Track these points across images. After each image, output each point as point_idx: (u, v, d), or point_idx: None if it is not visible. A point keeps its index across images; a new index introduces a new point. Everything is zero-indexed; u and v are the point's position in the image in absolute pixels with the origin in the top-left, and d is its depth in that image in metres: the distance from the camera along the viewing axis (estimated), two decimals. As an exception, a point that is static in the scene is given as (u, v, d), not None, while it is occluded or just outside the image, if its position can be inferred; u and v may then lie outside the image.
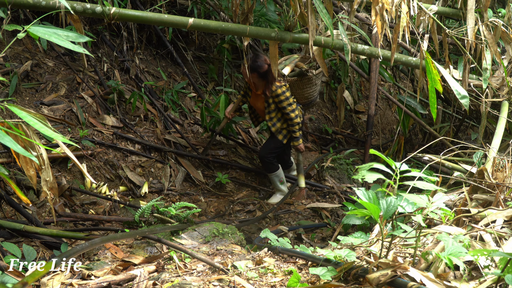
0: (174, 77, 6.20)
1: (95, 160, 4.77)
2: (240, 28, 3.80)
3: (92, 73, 5.50)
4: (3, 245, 3.02)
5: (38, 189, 4.06)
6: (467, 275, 2.27)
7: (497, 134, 3.90)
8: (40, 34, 2.23)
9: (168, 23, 3.85)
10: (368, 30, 6.10)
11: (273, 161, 5.12)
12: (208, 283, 2.54)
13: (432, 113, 3.34)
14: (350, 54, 3.61)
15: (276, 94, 4.82)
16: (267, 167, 5.14)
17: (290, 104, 4.87)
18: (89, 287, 2.60)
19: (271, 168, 5.13)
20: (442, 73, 3.30)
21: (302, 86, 5.09)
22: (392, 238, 2.45)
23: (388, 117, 7.80)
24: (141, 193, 4.83)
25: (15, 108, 2.16)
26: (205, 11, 6.10)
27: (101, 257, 3.12)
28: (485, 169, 3.08)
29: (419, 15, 3.77)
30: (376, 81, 5.82)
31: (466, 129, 6.25)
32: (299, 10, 3.46)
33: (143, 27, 6.05)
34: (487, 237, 2.49)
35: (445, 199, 2.69)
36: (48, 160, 2.45)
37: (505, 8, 4.94)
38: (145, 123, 5.50)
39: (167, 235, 3.38)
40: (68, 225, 4.07)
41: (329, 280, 2.39)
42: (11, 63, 4.97)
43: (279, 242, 3.13)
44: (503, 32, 4.02)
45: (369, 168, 2.68)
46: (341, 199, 5.22)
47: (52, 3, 3.31)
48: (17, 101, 4.67)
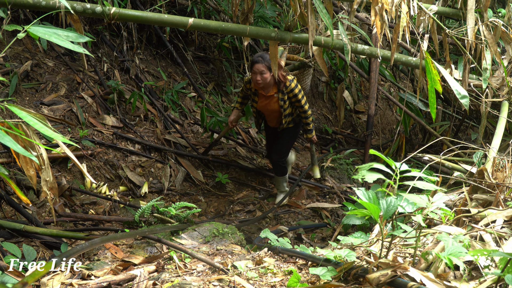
0: (174, 77, 6.20)
1: (95, 160, 4.77)
2: (240, 28, 3.81)
3: (92, 73, 5.50)
4: (3, 245, 3.02)
5: (38, 189, 4.06)
6: (467, 275, 2.27)
7: (497, 134, 3.90)
8: (40, 34, 2.23)
9: (168, 23, 3.85)
10: (368, 30, 6.11)
11: (285, 164, 5.02)
12: (208, 283, 2.54)
13: (432, 113, 3.34)
14: (350, 54, 3.62)
15: (291, 89, 4.48)
16: (280, 170, 5.00)
17: (303, 97, 4.58)
18: (89, 287, 2.60)
19: (283, 171, 5.02)
20: (442, 73, 3.31)
21: (303, 78, 4.97)
22: (392, 238, 2.45)
23: (388, 117, 7.80)
24: (141, 193, 4.83)
25: (15, 108, 2.16)
26: (205, 11, 6.10)
27: (101, 257, 3.12)
28: (485, 169, 3.08)
29: (419, 15, 3.77)
30: (376, 81, 5.82)
31: (466, 129, 6.25)
32: (299, 10, 3.46)
33: (143, 27, 6.05)
34: (487, 237, 2.49)
35: (445, 199, 2.69)
36: (48, 160, 2.45)
37: (505, 8, 4.94)
38: (145, 123, 5.50)
39: (167, 235, 3.38)
40: (68, 225, 4.07)
41: (329, 280, 2.39)
42: (11, 63, 4.97)
43: (279, 242, 3.13)
44: (503, 32, 4.02)
45: (369, 168, 2.68)
46: (341, 199, 5.22)
47: (52, 3, 3.31)
48: (17, 101, 4.67)
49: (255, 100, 4.70)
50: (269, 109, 4.67)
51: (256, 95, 4.66)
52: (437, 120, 5.93)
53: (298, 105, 4.60)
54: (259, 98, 4.65)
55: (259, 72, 4.34)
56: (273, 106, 4.63)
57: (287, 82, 4.46)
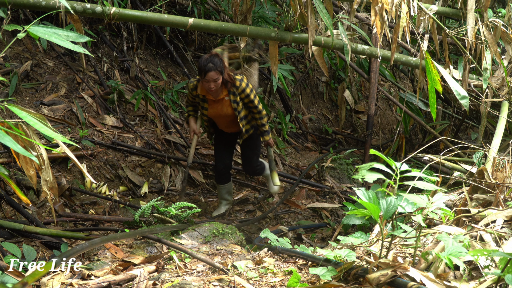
0: (174, 77, 6.20)
1: (95, 160, 4.77)
2: (240, 28, 3.81)
3: (92, 73, 5.50)
4: (3, 245, 3.02)
5: (38, 189, 4.06)
6: (467, 275, 2.27)
7: (497, 134, 3.90)
8: (40, 34, 2.23)
9: (168, 23, 3.86)
10: (368, 30, 6.11)
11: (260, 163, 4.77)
12: (208, 283, 2.54)
13: (432, 113, 3.34)
14: (350, 54, 3.62)
15: (242, 89, 4.19)
16: (260, 171, 4.80)
17: (255, 96, 4.30)
18: (89, 287, 2.60)
19: (262, 168, 4.82)
20: (442, 73, 3.31)
21: (250, 75, 4.57)
22: (392, 238, 2.45)
23: (388, 117, 7.80)
24: (141, 193, 4.83)
25: (15, 108, 2.16)
26: (205, 11, 6.10)
27: (101, 257, 3.12)
28: (485, 169, 3.08)
29: (419, 15, 3.77)
30: (376, 81, 5.82)
31: (466, 129, 6.25)
32: (299, 10, 3.46)
33: (143, 27, 6.05)
34: (487, 237, 2.49)
35: (445, 199, 2.69)
36: (48, 160, 2.45)
37: (505, 8, 4.94)
38: (145, 123, 5.50)
39: (167, 235, 3.38)
40: (68, 225, 4.07)
41: (329, 280, 2.39)
42: (11, 63, 4.97)
43: (279, 242, 3.13)
44: (503, 32, 4.03)
45: (369, 168, 2.68)
46: (341, 199, 5.22)
47: (52, 3, 3.31)
48: (17, 101, 4.67)
49: (204, 107, 4.36)
50: (222, 114, 4.35)
51: (205, 102, 4.32)
52: (437, 120, 5.93)
53: (252, 105, 4.31)
54: (209, 104, 4.32)
55: (212, 80, 4.04)
56: (226, 111, 4.32)
57: (237, 82, 4.17)
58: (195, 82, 4.32)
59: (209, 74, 4.02)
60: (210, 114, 4.38)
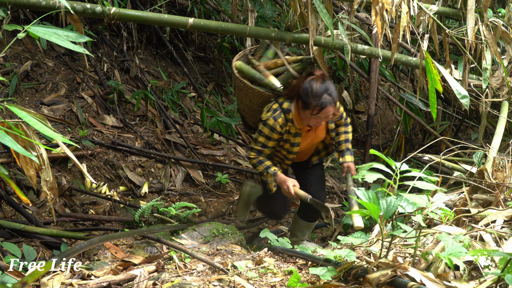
0: (174, 77, 6.20)
1: (95, 160, 4.77)
2: (240, 28, 3.80)
3: (92, 73, 5.50)
4: (3, 245, 3.02)
5: (38, 189, 4.06)
6: (467, 275, 2.27)
7: (497, 134, 3.89)
8: (40, 34, 2.23)
9: (168, 23, 3.85)
10: (368, 30, 6.10)
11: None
12: (208, 283, 2.54)
13: (432, 113, 3.34)
14: (350, 54, 3.61)
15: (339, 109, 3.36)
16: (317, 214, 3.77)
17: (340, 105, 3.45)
18: (89, 287, 2.60)
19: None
20: (442, 73, 3.30)
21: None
22: (392, 238, 2.45)
23: (388, 117, 7.79)
24: (141, 193, 4.83)
25: (15, 108, 2.16)
26: (205, 11, 6.10)
27: (101, 257, 3.12)
28: (485, 169, 3.08)
29: (419, 15, 3.77)
30: (376, 81, 5.82)
31: (466, 129, 6.25)
32: (299, 10, 3.46)
33: (143, 27, 6.05)
34: (487, 237, 2.49)
35: (445, 199, 2.69)
36: (48, 160, 2.45)
37: (505, 8, 4.94)
38: (145, 123, 5.50)
39: (167, 235, 3.38)
40: (68, 225, 4.07)
41: (329, 280, 2.39)
42: (11, 63, 4.97)
43: (279, 242, 3.13)
44: (503, 32, 4.02)
45: (369, 168, 2.68)
46: (341, 199, 5.22)
47: (52, 3, 3.31)
48: (17, 101, 4.67)
49: (295, 144, 3.35)
50: (315, 142, 3.50)
51: (297, 136, 3.33)
52: (437, 120, 5.93)
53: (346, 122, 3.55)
54: (302, 137, 3.36)
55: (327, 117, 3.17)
56: (320, 136, 3.48)
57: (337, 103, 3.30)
58: (282, 115, 3.24)
59: (326, 110, 3.12)
60: (301, 148, 3.40)
